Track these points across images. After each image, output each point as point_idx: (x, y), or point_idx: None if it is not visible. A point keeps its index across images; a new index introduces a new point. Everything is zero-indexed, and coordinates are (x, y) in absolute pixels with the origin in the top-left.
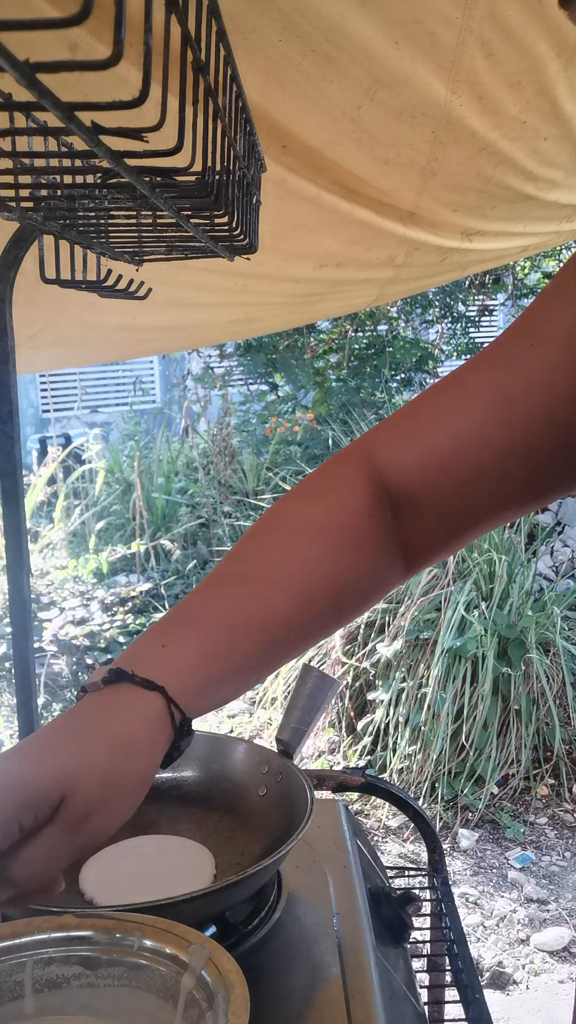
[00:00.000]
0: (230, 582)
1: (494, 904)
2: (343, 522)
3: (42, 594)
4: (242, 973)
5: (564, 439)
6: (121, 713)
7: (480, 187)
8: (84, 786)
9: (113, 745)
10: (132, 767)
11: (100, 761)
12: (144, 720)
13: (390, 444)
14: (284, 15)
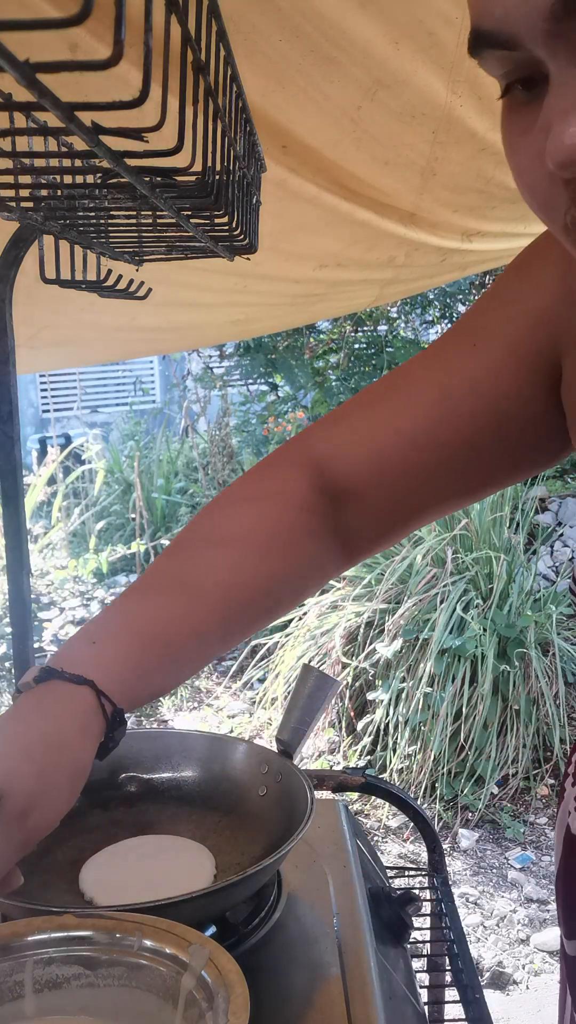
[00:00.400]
0: (161, 590)
1: (494, 904)
2: (279, 525)
3: (42, 594)
4: (242, 973)
5: (505, 434)
6: (53, 709)
7: (480, 187)
8: (20, 783)
9: (46, 742)
10: (65, 761)
11: (34, 758)
12: (75, 714)
13: (334, 438)
14: (284, 15)
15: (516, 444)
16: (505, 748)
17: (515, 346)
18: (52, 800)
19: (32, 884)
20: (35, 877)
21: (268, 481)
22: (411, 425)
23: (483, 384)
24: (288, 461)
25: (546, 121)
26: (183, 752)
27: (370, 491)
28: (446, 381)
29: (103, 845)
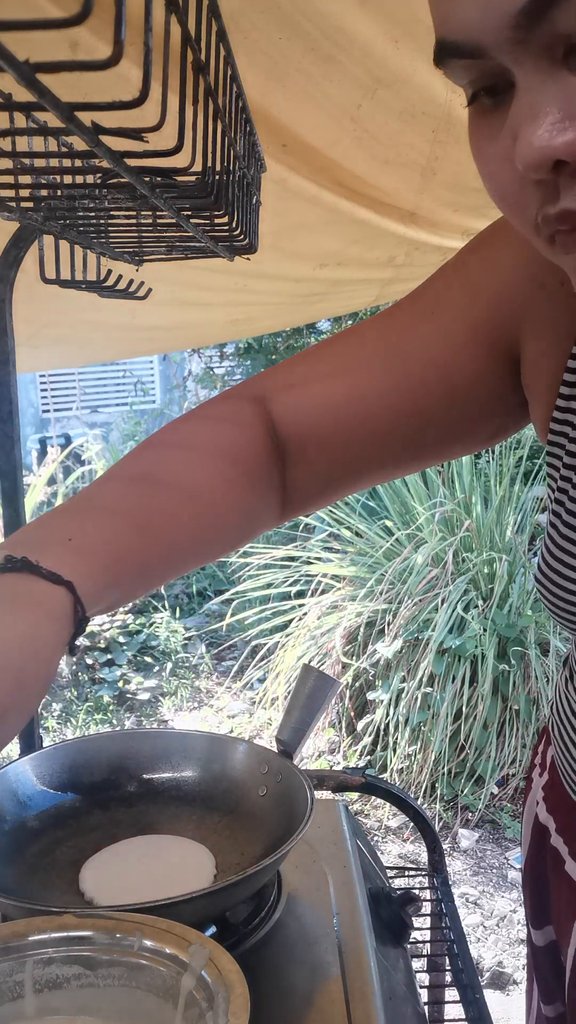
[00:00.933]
0: (134, 483)
1: (494, 904)
2: (240, 452)
3: None
4: (242, 973)
5: (455, 404)
6: (28, 610)
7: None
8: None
9: (22, 649)
10: (40, 671)
11: (10, 667)
12: (50, 617)
13: (286, 390)
14: (284, 14)
15: (463, 418)
16: (505, 748)
17: (473, 320)
18: (21, 713)
19: (32, 884)
20: (35, 877)
21: (229, 409)
22: (364, 389)
23: (438, 355)
24: (245, 397)
25: (514, 125)
26: (183, 752)
27: (314, 448)
28: (401, 348)
29: (103, 845)
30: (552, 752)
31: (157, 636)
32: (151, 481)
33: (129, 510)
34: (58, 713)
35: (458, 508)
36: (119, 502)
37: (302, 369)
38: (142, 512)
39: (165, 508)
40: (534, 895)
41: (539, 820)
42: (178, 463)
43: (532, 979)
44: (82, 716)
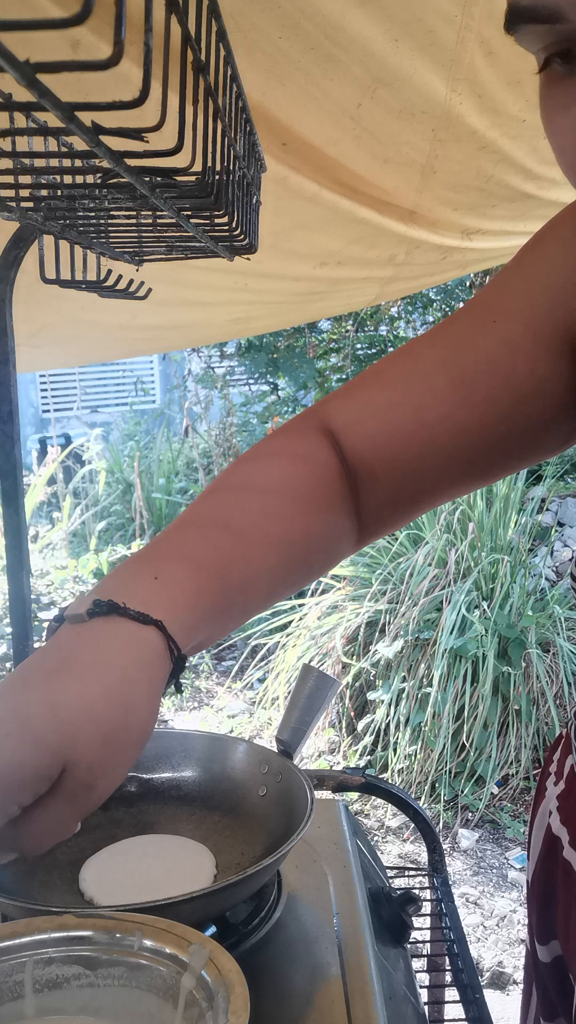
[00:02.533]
0: (210, 525)
1: (494, 904)
2: (314, 488)
3: (42, 594)
4: (242, 973)
5: (519, 416)
6: (115, 654)
7: (480, 186)
8: (85, 753)
9: (110, 697)
10: (134, 720)
11: (99, 720)
12: (141, 661)
13: (349, 415)
14: (284, 13)
15: (530, 426)
16: (506, 748)
17: (532, 322)
18: (118, 766)
19: (32, 884)
20: (35, 877)
21: (294, 443)
22: (427, 409)
23: (499, 364)
24: (309, 428)
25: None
26: (183, 752)
27: (383, 473)
28: (460, 362)
29: (103, 845)
30: (571, 761)
31: None
32: (228, 528)
33: (211, 560)
34: None
35: (461, 506)
36: (201, 549)
37: (362, 395)
38: (223, 560)
39: (245, 555)
40: (541, 909)
41: (551, 830)
42: (254, 508)
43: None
44: None
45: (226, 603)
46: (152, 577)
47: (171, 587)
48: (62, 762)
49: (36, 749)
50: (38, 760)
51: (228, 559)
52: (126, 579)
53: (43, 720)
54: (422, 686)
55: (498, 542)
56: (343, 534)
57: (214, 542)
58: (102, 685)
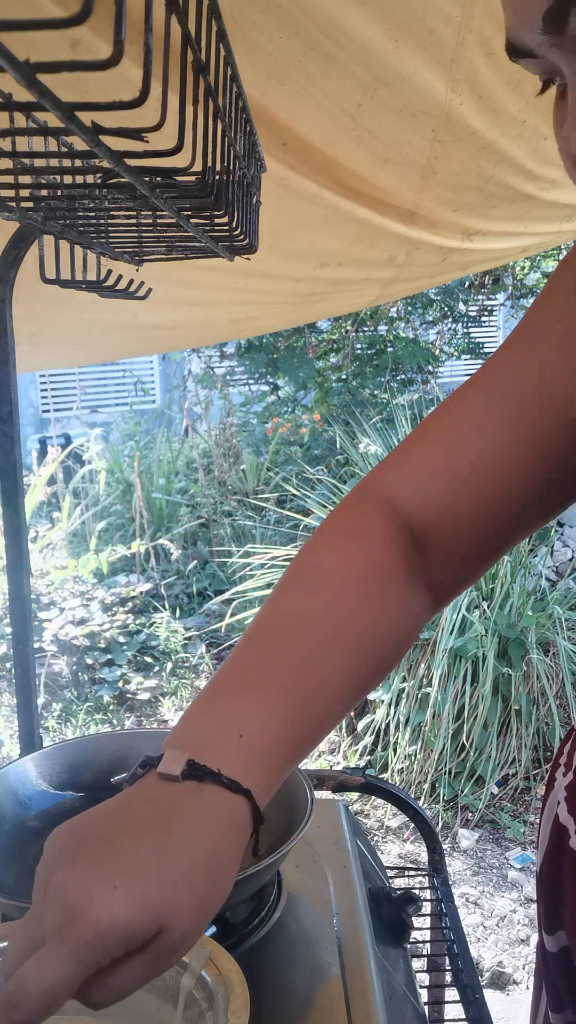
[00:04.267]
0: (278, 643)
1: (494, 904)
2: (377, 569)
3: (42, 594)
4: (242, 973)
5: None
6: (213, 823)
7: (480, 186)
8: (181, 919)
9: (208, 866)
10: (221, 888)
11: (197, 889)
12: (234, 829)
13: (404, 482)
14: (285, 12)
15: None
16: (505, 748)
17: (568, 341)
18: (199, 931)
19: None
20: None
21: (354, 523)
22: (484, 456)
23: (547, 392)
24: (367, 504)
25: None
26: None
27: (450, 531)
28: (507, 399)
29: None
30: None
31: (157, 636)
32: (303, 631)
33: (290, 687)
34: (58, 713)
35: None
36: (277, 673)
37: (416, 456)
38: (302, 680)
39: (323, 663)
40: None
41: (559, 820)
42: (325, 603)
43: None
44: (82, 716)
45: (301, 746)
46: (238, 735)
47: (255, 745)
48: (159, 926)
49: (140, 911)
50: (141, 920)
51: (305, 689)
52: (210, 733)
53: (150, 883)
54: (422, 686)
55: None
56: (418, 607)
57: (287, 664)
58: (203, 853)
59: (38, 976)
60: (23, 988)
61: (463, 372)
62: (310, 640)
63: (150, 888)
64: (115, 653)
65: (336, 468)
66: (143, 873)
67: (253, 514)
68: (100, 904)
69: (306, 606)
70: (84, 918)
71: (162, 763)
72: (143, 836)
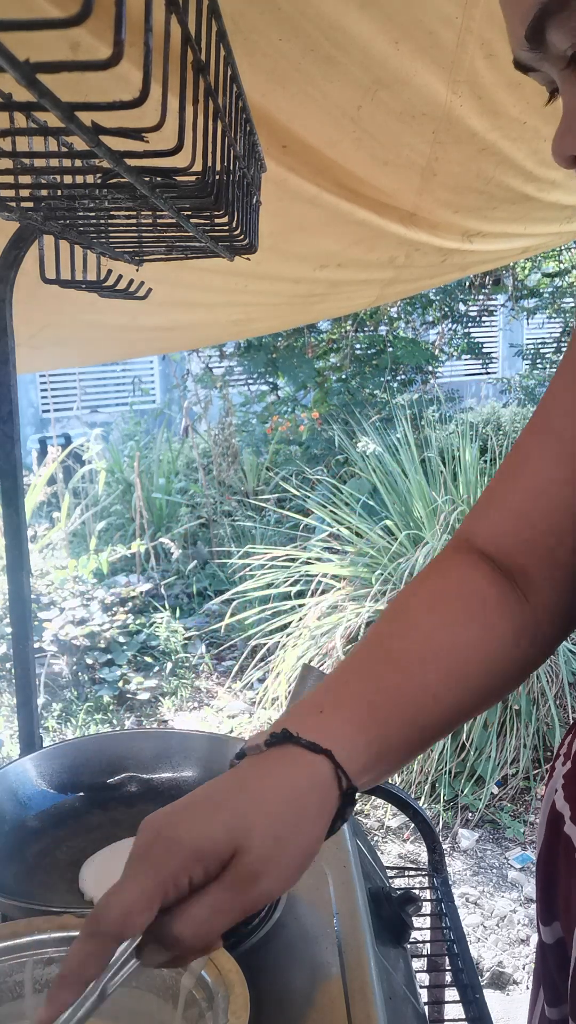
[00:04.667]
0: (374, 660)
1: (494, 904)
2: (459, 596)
3: (42, 594)
4: (242, 973)
5: None
6: (291, 773)
7: (480, 188)
8: (257, 843)
9: (286, 803)
10: (303, 829)
11: (272, 818)
12: (314, 783)
13: (488, 525)
14: (285, 15)
15: None
16: (505, 748)
17: None
18: (283, 871)
19: (32, 884)
20: (35, 877)
21: (446, 569)
22: (552, 480)
23: None
24: (458, 552)
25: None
26: (183, 752)
27: (542, 565)
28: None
29: (103, 845)
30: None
31: (157, 636)
32: (391, 661)
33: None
34: (58, 713)
35: (461, 507)
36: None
37: (494, 503)
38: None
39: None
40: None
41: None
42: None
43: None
44: (82, 716)
45: (391, 738)
46: (318, 711)
47: (333, 721)
48: (234, 847)
49: (215, 826)
50: (214, 836)
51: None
52: (300, 712)
53: (224, 806)
54: None
55: None
56: (509, 629)
57: (381, 674)
58: (281, 795)
59: (119, 890)
60: (105, 902)
61: (463, 372)
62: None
63: (223, 808)
64: (115, 653)
65: (336, 468)
66: (217, 798)
67: (253, 514)
68: (178, 823)
69: (388, 627)
70: (162, 834)
71: (248, 741)
72: (226, 787)
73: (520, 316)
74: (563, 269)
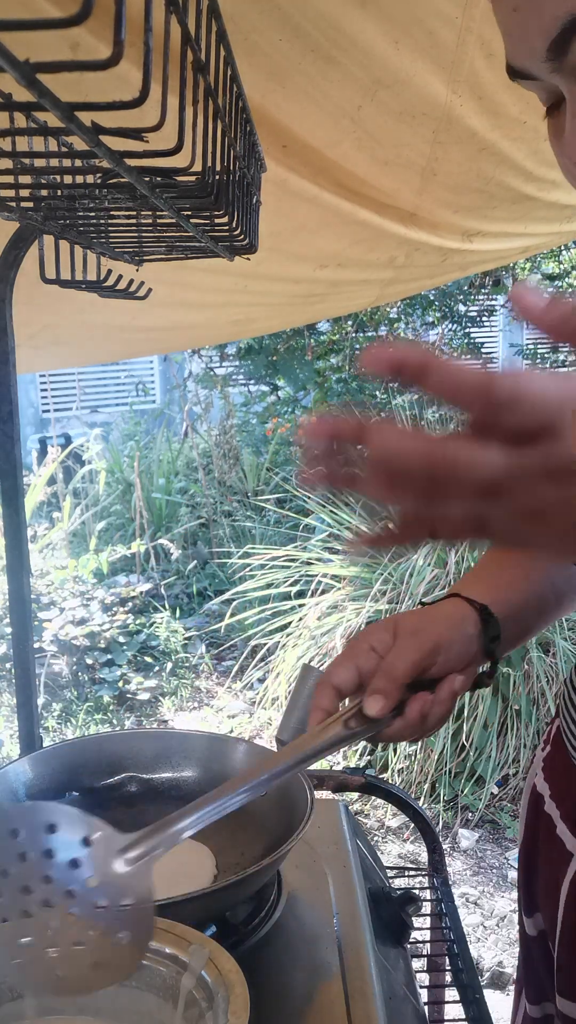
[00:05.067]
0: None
1: (494, 904)
2: None
3: (42, 594)
4: (242, 973)
5: None
6: (450, 606)
7: (480, 187)
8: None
9: (445, 618)
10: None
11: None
12: (464, 614)
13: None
14: (285, 14)
15: None
16: (505, 748)
17: None
18: (445, 643)
19: None
20: None
21: None
22: None
23: None
24: None
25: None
26: (183, 752)
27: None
28: None
29: None
30: (557, 723)
31: (157, 636)
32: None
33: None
34: (58, 713)
35: None
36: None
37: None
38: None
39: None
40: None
41: (536, 790)
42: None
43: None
44: (82, 716)
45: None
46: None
47: (465, 579)
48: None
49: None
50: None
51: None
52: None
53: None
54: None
55: None
56: None
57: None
58: (440, 612)
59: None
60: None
61: None
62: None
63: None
64: (115, 653)
65: None
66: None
67: (253, 514)
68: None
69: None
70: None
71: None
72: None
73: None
74: (563, 271)
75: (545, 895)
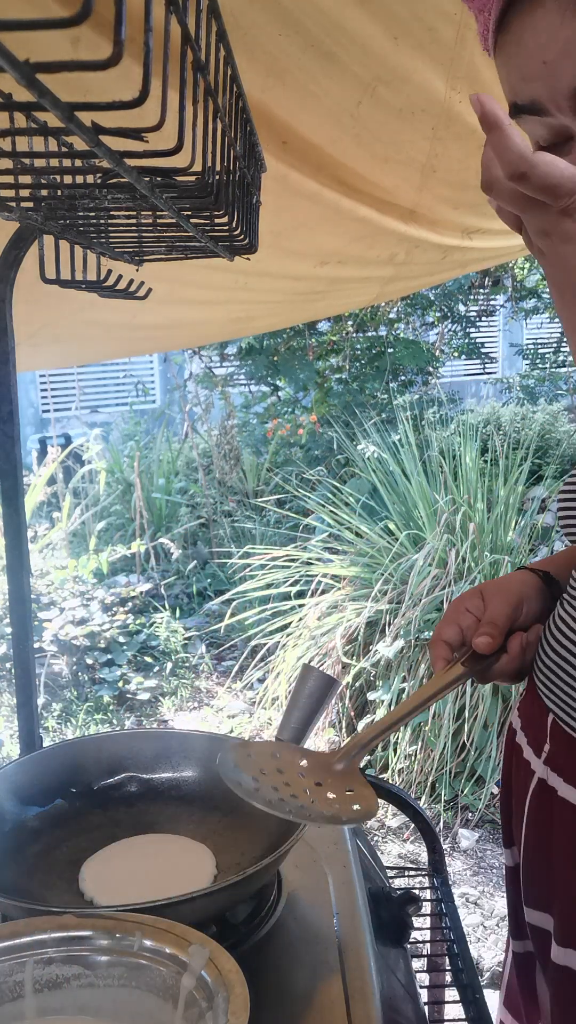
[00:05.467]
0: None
1: (494, 904)
2: None
3: (42, 594)
4: (242, 973)
5: None
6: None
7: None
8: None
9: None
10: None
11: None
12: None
13: None
14: (284, 11)
15: None
16: None
17: None
18: (526, 598)
19: (32, 884)
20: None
21: None
22: None
23: None
24: None
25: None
26: (183, 752)
27: None
28: None
29: (103, 845)
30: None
31: (157, 636)
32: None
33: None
34: (58, 713)
35: (462, 508)
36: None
37: None
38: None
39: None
40: (505, 812)
41: (511, 726)
42: None
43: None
44: (82, 716)
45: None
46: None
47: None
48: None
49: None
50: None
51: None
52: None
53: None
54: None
55: (499, 543)
56: None
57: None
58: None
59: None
60: None
61: (463, 373)
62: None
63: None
64: (115, 653)
65: (336, 468)
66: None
67: (253, 514)
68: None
69: None
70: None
71: None
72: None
73: (519, 317)
74: None
75: (517, 822)
